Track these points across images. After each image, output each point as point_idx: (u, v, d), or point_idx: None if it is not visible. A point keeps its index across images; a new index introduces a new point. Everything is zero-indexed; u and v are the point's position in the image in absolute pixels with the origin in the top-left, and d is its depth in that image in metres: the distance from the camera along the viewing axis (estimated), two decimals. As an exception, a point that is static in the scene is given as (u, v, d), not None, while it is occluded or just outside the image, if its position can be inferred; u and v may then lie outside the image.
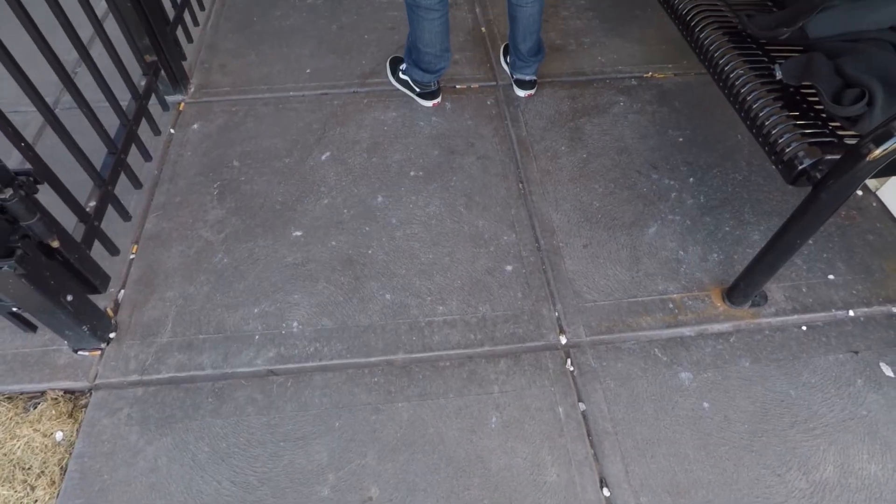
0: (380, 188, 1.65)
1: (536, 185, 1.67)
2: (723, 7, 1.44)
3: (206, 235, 1.52)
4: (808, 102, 1.19)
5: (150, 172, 1.67)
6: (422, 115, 1.86)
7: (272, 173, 1.67)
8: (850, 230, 1.59)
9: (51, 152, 1.27)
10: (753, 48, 1.31)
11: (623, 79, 2.03)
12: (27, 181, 1.04)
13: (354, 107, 1.88)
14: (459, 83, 1.98)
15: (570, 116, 1.88)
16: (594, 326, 1.38)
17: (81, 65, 1.44)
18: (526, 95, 1.92)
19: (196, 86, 1.94)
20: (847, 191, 1.06)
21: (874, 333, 1.39)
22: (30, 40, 1.19)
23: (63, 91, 1.86)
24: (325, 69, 2.02)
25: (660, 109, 1.91)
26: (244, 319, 1.37)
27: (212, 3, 2.30)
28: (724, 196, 1.67)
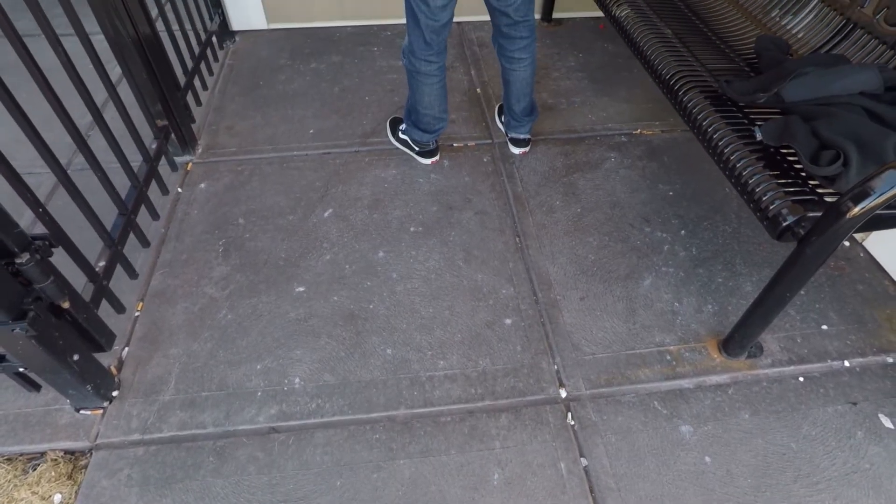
0: (381, 244, 1.69)
1: (533, 239, 1.72)
2: (703, 72, 1.53)
3: (211, 292, 1.56)
4: (788, 162, 1.25)
5: (158, 230, 1.72)
6: (421, 173, 1.94)
7: (276, 230, 1.72)
8: (839, 280, 1.63)
9: (62, 211, 1.32)
10: (734, 111, 1.40)
11: (613, 136, 2.12)
12: (43, 245, 1.08)
13: (356, 165, 1.96)
14: (457, 141, 2.07)
15: (563, 172, 1.95)
16: (593, 379, 1.39)
17: (94, 127, 1.51)
18: (521, 153, 2.01)
19: (204, 146, 2.02)
20: (830, 246, 1.10)
21: (871, 384, 1.40)
22: (46, 104, 1.25)
23: (76, 153, 1.94)
24: (327, 129, 2.11)
25: (649, 164, 1.99)
26: (247, 376, 1.38)
27: (220, 69, 2.42)
28: (716, 248, 1.71)
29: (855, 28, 1.49)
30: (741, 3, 1.85)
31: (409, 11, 1.57)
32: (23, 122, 1.15)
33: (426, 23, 1.55)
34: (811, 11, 1.63)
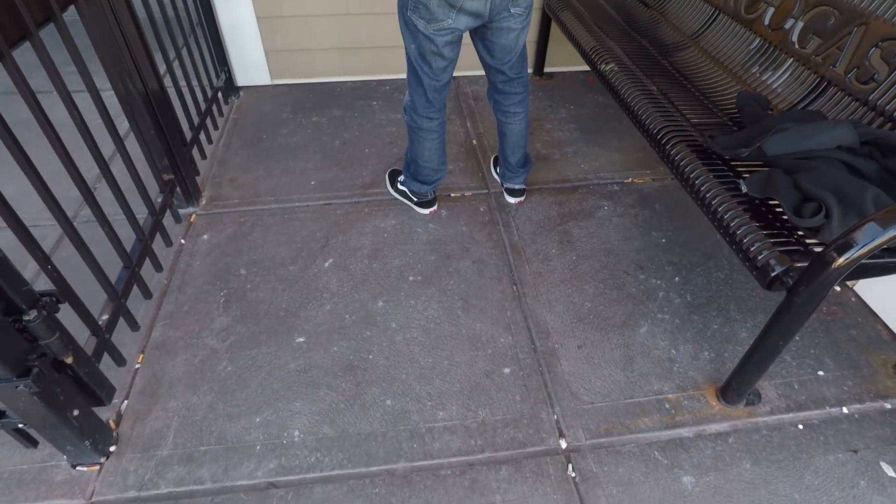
0: (380, 293, 1.72)
1: (530, 288, 1.75)
2: (689, 127, 1.61)
3: (212, 343, 1.57)
4: (773, 213, 1.30)
5: (160, 281, 1.75)
6: (419, 223, 1.98)
7: (277, 280, 1.75)
8: (832, 326, 1.66)
9: (66, 262, 1.35)
10: (719, 164, 1.45)
11: (605, 184, 2.19)
12: (50, 301, 1.10)
13: (356, 215, 2.01)
14: (454, 191, 2.13)
15: (558, 221, 2.00)
16: (593, 429, 1.39)
17: (101, 180, 1.55)
18: (516, 202, 2.06)
19: (207, 198, 2.08)
20: (819, 295, 1.13)
21: (871, 431, 1.40)
22: (54, 157, 1.28)
23: (82, 205, 1.99)
24: (328, 181, 2.17)
25: (642, 212, 2.05)
26: (246, 429, 1.37)
27: (224, 123, 2.51)
28: (710, 294, 1.74)
29: (829, 86, 1.57)
30: (721, 60, 1.95)
31: (412, 72, 1.65)
32: (33, 177, 1.19)
33: (429, 83, 1.63)
34: (787, 70, 1.72)
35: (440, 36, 1.49)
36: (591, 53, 2.06)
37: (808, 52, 1.66)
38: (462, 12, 1.44)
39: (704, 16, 2.11)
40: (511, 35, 1.60)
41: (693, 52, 2.05)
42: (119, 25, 1.58)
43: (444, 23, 1.46)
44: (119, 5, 1.57)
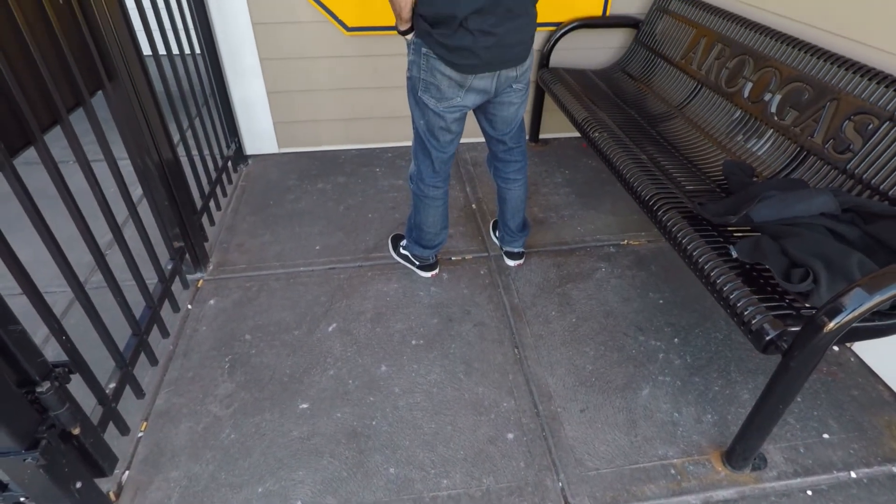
0: (383, 357, 1.74)
1: (531, 350, 1.77)
2: (679, 194, 1.68)
3: (215, 410, 1.57)
4: (764, 278, 1.35)
5: (166, 347, 1.77)
6: (421, 286, 2.03)
7: (282, 345, 1.77)
8: (833, 386, 1.67)
9: (74, 329, 1.37)
10: (709, 229, 1.52)
11: (602, 246, 2.25)
12: (62, 372, 1.13)
13: (359, 279, 2.06)
14: (455, 255, 2.19)
15: (557, 283, 2.05)
16: (599, 497, 1.37)
17: (113, 245, 1.59)
18: (516, 265, 2.12)
19: (215, 264, 2.13)
20: (813, 359, 1.16)
21: (881, 496, 1.39)
22: (67, 224, 1.32)
23: (92, 271, 2.05)
24: (332, 245, 2.23)
25: (638, 274, 2.10)
26: (248, 500, 1.35)
27: (233, 190, 2.61)
28: (709, 355, 1.76)
29: (809, 155, 1.67)
30: (706, 129, 2.06)
31: (420, 144, 1.74)
32: (50, 244, 1.24)
33: (436, 155, 1.72)
34: (769, 139, 1.82)
35: (449, 113, 1.59)
36: (584, 123, 2.18)
37: (787, 124, 1.76)
38: (471, 91, 1.55)
39: (688, 89, 2.25)
40: (512, 108, 1.71)
41: (679, 121, 2.17)
42: (140, 102, 1.68)
43: (453, 101, 1.56)
44: (140, 86, 1.69)
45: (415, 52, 1.54)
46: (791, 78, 1.79)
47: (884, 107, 1.47)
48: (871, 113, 1.50)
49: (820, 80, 1.68)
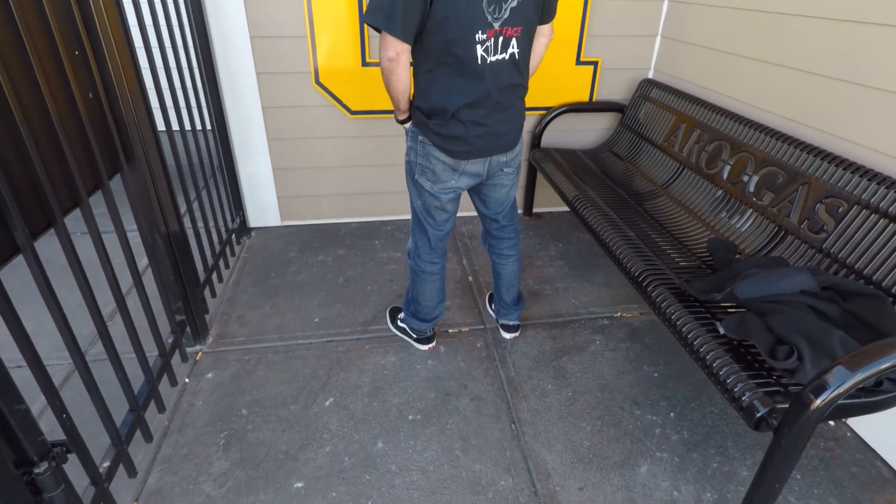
0: (380, 433, 1.73)
1: (528, 426, 1.77)
2: (666, 270, 1.75)
3: (208, 490, 1.54)
4: (751, 354, 1.39)
5: (161, 422, 1.76)
6: (418, 359, 2.05)
7: (278, 421, 1.77)
8: (832, 463, 1.66)
9: (70, 403, 1.36)
10: (697, 305, 1.57)
11: (596, 319, 2.29)
12: (60, 452, 1.14)
13: (357, 352, 2.08)
14: (451, 327, 2.22)
15: (552, 356, 2.07)
16: (600, 583, 1.33)
17: (114, 317, 1.61)
18: (511, 338, 2.15)
19: (214, 336, 2.15)
20: (804, 436, 1.18)
21: (887, 580, 1.35)
22: (70, 295, 1.36)
23: (91, 343, 2.06)
24: (331, 318, 2.27)
25: (633, 346, 2.13)
26: (237, 588, 1.31)
27: (236, 262, 2.68)
28: (706, 430, 1.76)
29: (787, 234, 1.76)
30: (691, 208, 2.17)
31: (417, 222, 1.83)
32: (58, 317, 1.26)
33: (433, 233, 1.81)
34: (749, 218, 1.92)
35: (444, 194, 1.69)
36: (574, 201, 2.29)
37: (765, 204, 1.87)
38: (464, 174, 1.66)
39: (671, 169, 2.38)
40: (503, 190, 1.81)
41: (665, 200, 2.29)
42: (153, 180, 1.78)
43: (448, 183, 1.67)
44: (155, 165, 1.79)
45: (412, 139, 1.66)
46: (765, 162, 1.92)
47: (850, 192, 1.58)
48: (840, 197, 1.61)
49: (791, 165, 1.80)
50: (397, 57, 1.40)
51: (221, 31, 2.46)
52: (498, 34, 1.44)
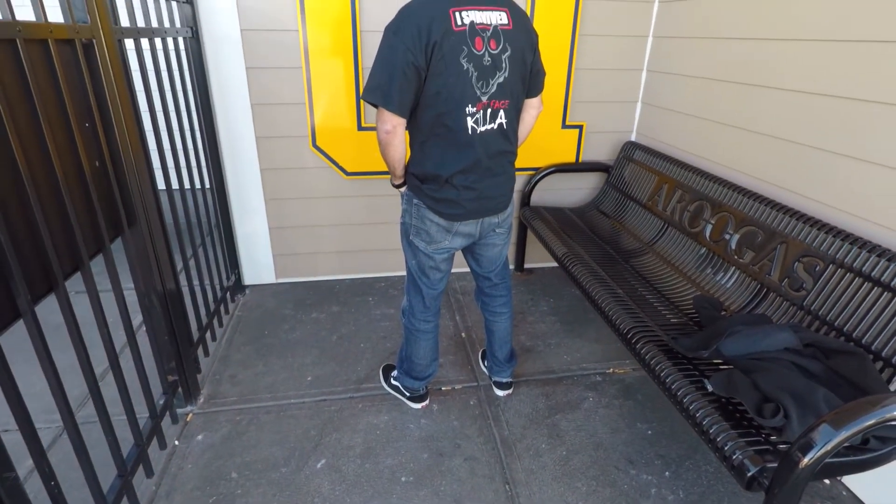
0: (372, 496, 1.70)
1: (523, 487, 1.74)
2: (654, 327, 1.79)
3: (194, 560, 1.50)
4: (740, 411, 1.41)
5: (148, 487, 1.72)
6: (411, 418, 2.04)
7: (268, 484, 1.73)
8: (829, 523, 1.64)
9: (57, 467, 1.34)
10: (685, 363, 1.60)
11: (589, 375, 2.30)
12: (48, 521, 1.12)
13: (350, 411, 2.06)
14: (445, 385, 2.22)
15: (546, 413, 2.07)
16: None
17: (105, 377, 1.60)
18: (505, 395, 2.15)
19: (206, 396, 2.14)
20: (795, 495, 1.18)
21: None
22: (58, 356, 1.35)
23: (80, 406, 2.04)
24: (324, 376, 2.27)
25: (626, 403, 2.13)
26: None
27: (229, 320, 2.69)
28: (702, 489, 1.75)
29: (769, 292, 1.81)
30: (676, 265, 2.24)
31: (411, 281, 1.87)
32: (52, 381, 1.26)
33: (427, 292, 1.85)
34: (732, 275, 1.99)
35: (438, 254, 1.75)
36: (563, 258, 2.35)
37: (746, 262, 1.94)
38: (457, 235, 1.72)
39: (656, 228, 2.47)
40: (496, 249, 1.87)
41: (651, 257, 2.36)
42: (153, 241, 1.82)
43: (441, 244, 1.72)
44: (155, 227, 1.84)
45: (407, 202, 1.73)
46: (744, 222, 2.00)
47: (825, 251, 1.65)
48: (816, 256, 1.68)
49: (768, 224, 1.89)
50: (394, 130, 1.49)
51: (224, 99, 2.58)
52: (486, 107, 1.54)
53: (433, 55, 1.40)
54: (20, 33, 1.15)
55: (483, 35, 1.46)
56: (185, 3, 2.27)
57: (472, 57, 1.45)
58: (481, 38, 1.46)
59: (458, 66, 1.44)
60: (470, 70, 1.46)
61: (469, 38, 1.44)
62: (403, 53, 1.39)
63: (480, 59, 1.47)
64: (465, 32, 1.43)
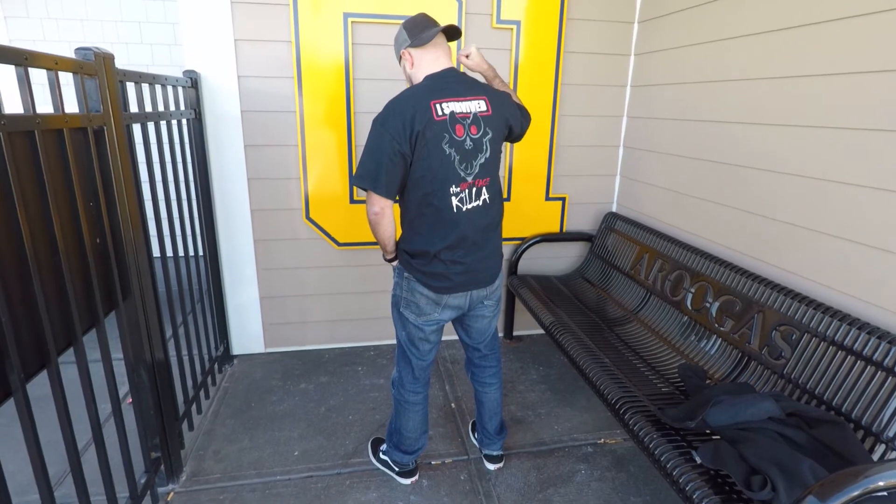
0: (359, 581, 1.63)
1: (515, 568, 1.69)
2: (642, 398, 1.81)
3: None
4: (728, 483, 1.41)
5: (123, 576, 1.64)
6: (400, 494, 1.99)
7: (250, 570, 1.66)
8: None
9: None
10: (672, 433, 1.62)
11: (580, 446, 2.28)
12: None
13: (337, 489, 2.01)
14: (434, 459, 2.19)
15: (538, 487, 2.03)
16: None
17: (87, 451, 1.56)
18: (496, 469, 2.12)
19: (188, 474, 2.08)
20: (789, 574, 1.18)
21: None
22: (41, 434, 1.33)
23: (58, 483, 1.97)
24: (311, 451, 2.22)
25: (618, 475, 2.10)
26: None
27: (216, 391, 2.65)
28: (699, 568, 1.70)
29: (750, 360, 1.86)
30: (661, 333, 2.29)
31: (401, 352, 1.89)
32: (36, 461, 1.25)
33: (417, 363, 1.87)
34: (715, 343, 2.04)
35: (428, 326, 1.79)
36: (550, 327, 2.39)
37: (727, 331, 1.99)
38: (447, 308, 1.76)
39: (640, 296, 2.54)
40: (484, 321, 1.92)
41: (636, 325, 2.41)
42: (145, 314, 1.84)
43: (431, 316, 1.77)
44: (148, 299, 1.86)
45: (398, 275, 1.79)
46: (722, 291, 2.08)
47: (799, 320, 1.72)
48: (792, 325, 1.75)
49: (745, 294, 1.96)
50: (382, 211, 1.61)
51: (222, 173, 2.69)
52: (472, 186, 1.64)
53: (417, 143, 1.53)
54: (39, 125, 1.24)
55: (463, 122, 1.59)
56: (191, 87, 2.42)
57: (454, 143, 1.58)
58: (462, 125, 1.59)
59: (441, 152, 1.56)
60: (452, 154, 1.58)
61: (450, 126, 1.57)
62: (390, 142, 1.52)
63: (462, 144, 1.59)
64: (446, 122, 1.56)
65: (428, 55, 1.64)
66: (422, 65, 1.65)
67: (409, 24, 1.65)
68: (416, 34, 1.63)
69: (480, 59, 1.83)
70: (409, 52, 1.65)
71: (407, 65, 1.67)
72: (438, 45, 1.65)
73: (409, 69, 1.67)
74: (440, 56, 1.65)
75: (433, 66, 1.64)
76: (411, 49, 1.64)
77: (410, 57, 1.65)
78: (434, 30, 1.63)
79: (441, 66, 1.64)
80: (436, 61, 1.64)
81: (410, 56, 1.65)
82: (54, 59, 1.31)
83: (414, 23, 1.65)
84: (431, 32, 1.62)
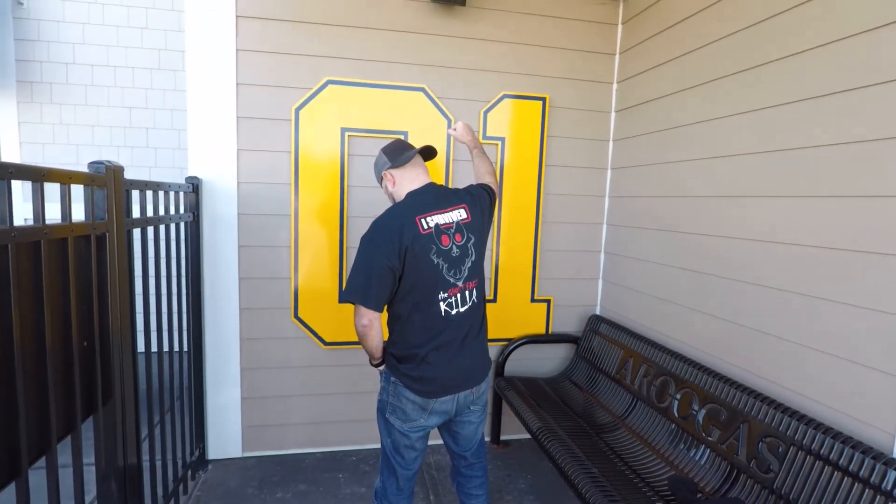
0: None
1: None
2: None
3: None
4: None
5: None
6: None
7: None
8: None
9: None
10: (666, 555, 1.55)
11: (571, 566, 2.15)
12: None
13: None
14: (417, 581, 2.04)
15: None
16: None
17: None
18: (483, 592, 1.98)
19: None
20: None
21: None
22: None
23: None
24: (285, 571, 2.06)
25: None
26: None
27: (187, 501, 2.49)
28: None
29: (739, 473, 1.83)
30: (649, 440, 2.25)
31: (386, 462, 1.84)
32: None
33: (401, 472, 1.82)
34: (703, 453, 2.01)
35: (414, 432, 1.76)
36: (538, 433, 2.35)
37: (715, 441, 1.98)
38: (433, 413, 1.75)
39: (626, 401, 2.53)
40: (472, 427, 1.89)
41: (624, 432, 2.38)
42: (123, 418, 1.78)
43: (417, 422, 1.75)
44: (128, 403, 1.82)
45: (385, 380, 1.79)
46: (707, 399, 2.08)
47: (784, 432, 1.72)
48: (777, 437, 1.74)
49: (730, 403, 1.97)
50: (371, 323, 1.68)
51: (214, 272, 2.74)
52: (462, 290, 1.72)
53: (406, 257, 1.63)
54: (46, 235, 1.30)
55: (448, 232, 1.70)
56: (192, 192, 2.54)
57: (441, 252, 1.67)
58: (447, 235, 1.70)
59: (429, 262, 1.65)
60: (440, 263, 1.67)
61: (436, 237, 1.67)
62: (379, 259, 1.62)
63: (448, 253, 1.69)
64: (432, 234, 1.67)
65: (408, 174, 1.79)
66: (403, 182, 1.79)
67: (388, 149, 1.83)
68: (395, 157, 1.79)
69: (465, 131, 2.05)
70: (390, 174, 1.80)
71: (388, 184, 1.82)
72: (417, 164, 1.81)
73: (392, 188, 1.82)
74: (419, 174, 1.81)
75: (414, 182, 1.79)
76: (392, 170, 1.79)
77: (392, 177, 1.80)
78: (411, 152, 1.79)
79: (421, 183, 1.79)
80: (416, 178, 1.79)
81: (392, 177, 1.80)
82: (68, 175, 1.41)
83: (392, 147, 1.83)
84: (409, 154, 1.79)
